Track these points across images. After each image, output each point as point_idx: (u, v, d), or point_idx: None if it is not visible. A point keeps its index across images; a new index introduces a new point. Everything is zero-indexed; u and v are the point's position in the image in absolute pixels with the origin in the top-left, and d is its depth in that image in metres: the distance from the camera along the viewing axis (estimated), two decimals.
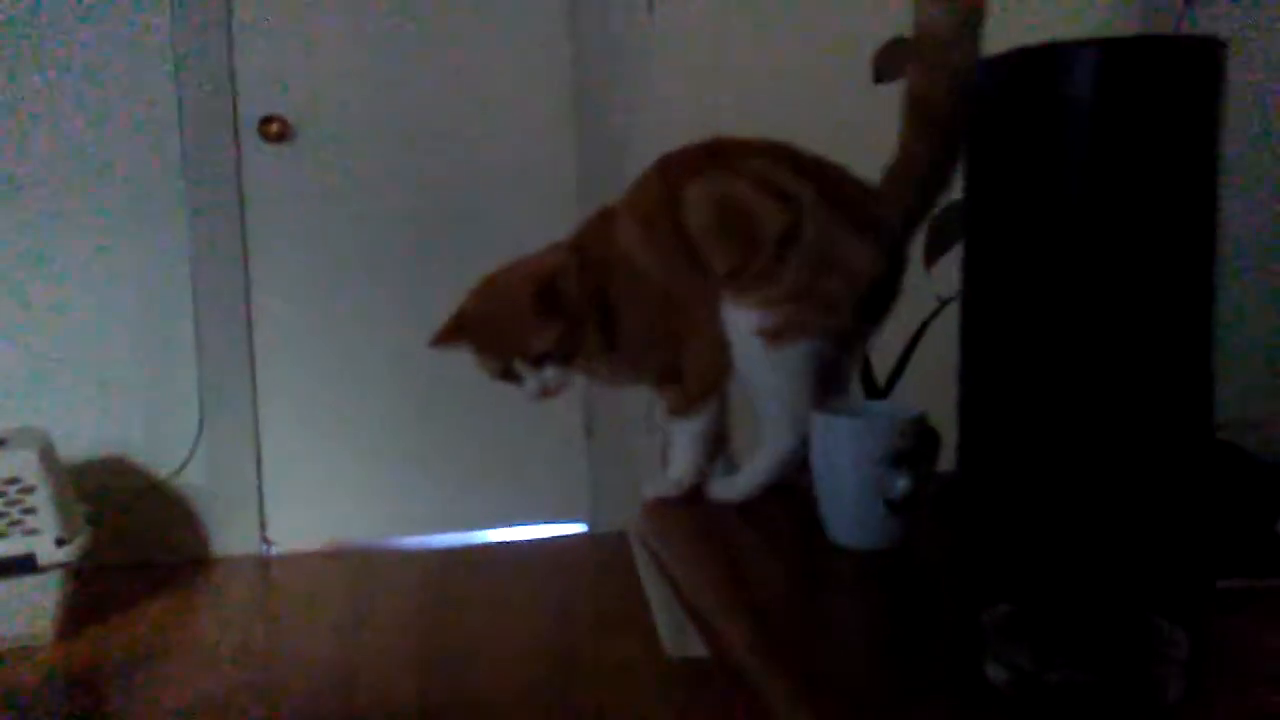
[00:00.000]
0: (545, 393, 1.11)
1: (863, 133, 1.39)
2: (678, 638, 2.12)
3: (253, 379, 2.82)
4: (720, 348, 1.10)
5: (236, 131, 2.74)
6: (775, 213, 1.03)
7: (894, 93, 1.05)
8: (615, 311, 1.10)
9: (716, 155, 1.09)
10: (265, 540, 2.87)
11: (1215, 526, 0.88)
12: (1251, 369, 2.14)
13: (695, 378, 1.11)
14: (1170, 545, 0.82)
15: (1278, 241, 2.18)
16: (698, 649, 2.06)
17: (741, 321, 1.06)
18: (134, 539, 2.76)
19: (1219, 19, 2.28)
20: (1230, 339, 0.88)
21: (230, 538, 2.83)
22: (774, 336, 1.04)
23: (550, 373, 1.09)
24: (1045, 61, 0.82)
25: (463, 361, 1.16)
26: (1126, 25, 2.73)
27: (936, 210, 1.08)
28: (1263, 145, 2.18)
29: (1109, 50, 0.80)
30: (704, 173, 1.07)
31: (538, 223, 2.15)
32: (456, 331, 1.13)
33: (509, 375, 1.11)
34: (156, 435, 2.79)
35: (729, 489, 1.11)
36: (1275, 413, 2.14)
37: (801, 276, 1.03)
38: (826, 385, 1.07)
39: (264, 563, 2.81)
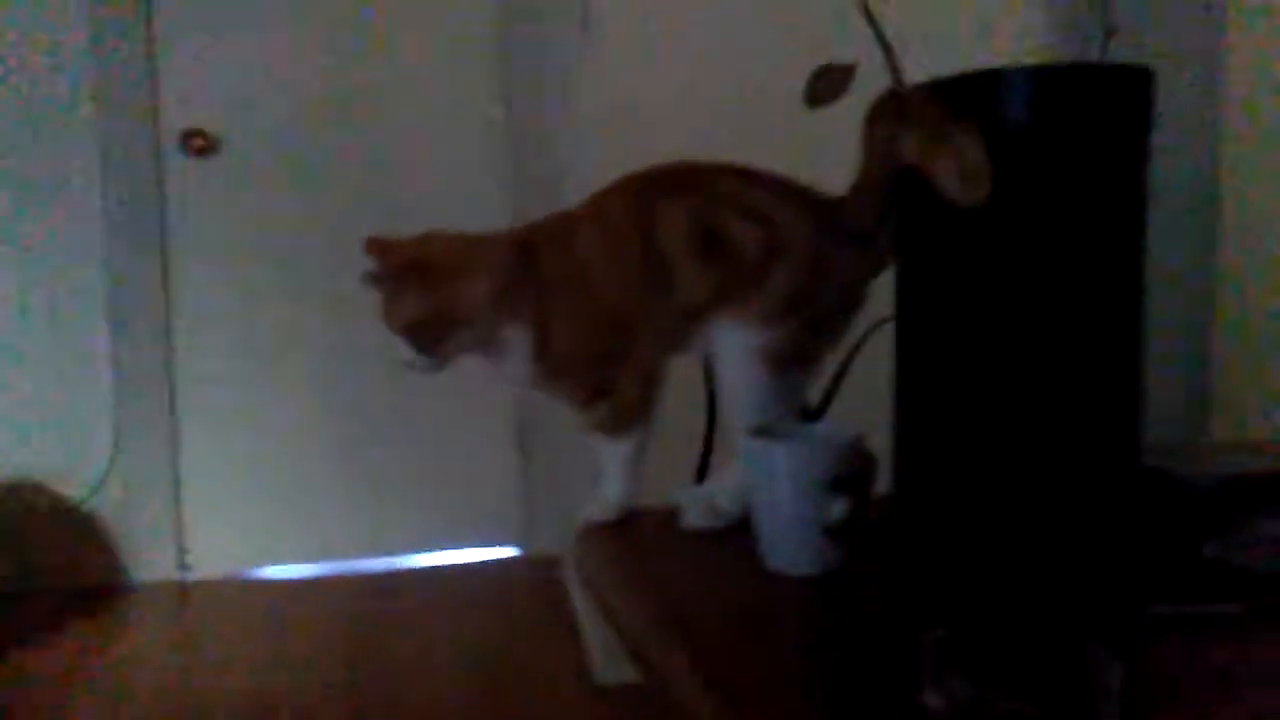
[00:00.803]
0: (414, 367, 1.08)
1: (797, 155, 1.39)
2: (609, 663, 2.10)
3: (171, 399, 2.75)
4: (657, 371, 1.09)
5: (158, 145, 2.68)
6: (753, 232, 1.03)
7: (825, 116, 1.05)
8: (552, 321, 1.08)
9: (686, 177, 1.08)
10: (184, 566, 2.79)
11: (1145, 551, 0.88)
12: (1174, 393, 2.20)
13: (630, 400, 1.10)
14: (1101, 571, 0.83)
15: (1200, 264, 2.24)
16: (628, 675, 2.04)
17: (738, 341, 1.04)
18: (46, 565, 2.66)
19: (1137, 50, 2.35)
20: (1155, 361, 0.89)
21: (147, 563, 2.75)
22: (774, 360, 1.03)
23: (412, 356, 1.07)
24: (981, 86, 0.82)
25: (389, 380, 1.13)
26: (1050, 57, 2.79)
27: None
28: (1182, 170, 2.24)
29: (1044, 76, 0.81)
30: (676, 194, 1.05)
31: None
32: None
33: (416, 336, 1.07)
34: (70, 457, 2.70)
35: (713, 517, 1.09)
36: (1197, 437, 2.20)
37: (795, 285, 1.02)
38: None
39: (182, 589, 2.73)
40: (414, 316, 1.06)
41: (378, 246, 1.09)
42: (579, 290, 1.07)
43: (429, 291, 1.05)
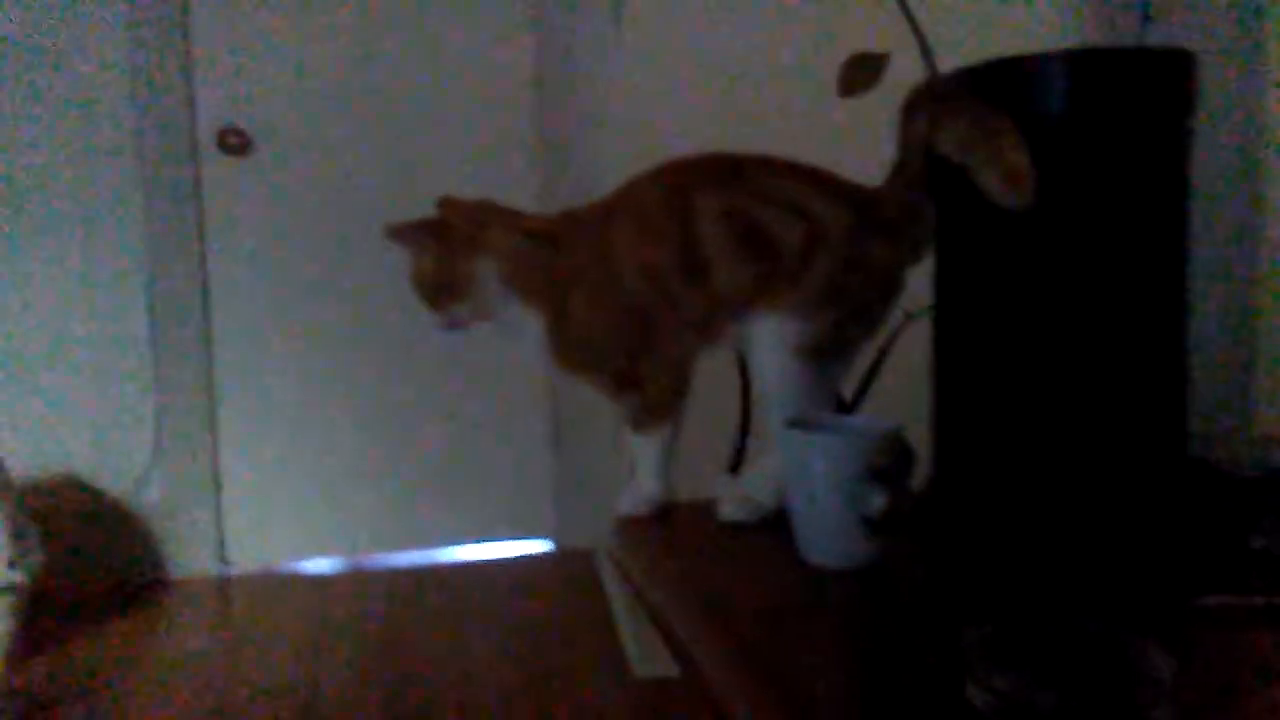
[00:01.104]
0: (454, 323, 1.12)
1: (831, 146, 1.38)
2: (646, 657, 2.10)
3: (211, 396, 2.77)
4: (687, 364, 1.09)
5: (195, 144, 2.70)
6: (792, 224, 1.02)
7: (861, 106, 1.05)
8: (570, 310, 1.08)
9: (724, 168, 1.07)
10: (224, 560, 2.82)
11: (1190, 543, 0.87)
12: (1218, 382, 2.16)
13: (658, 393, 1.10)
14: (1147, 563, 0.82)
15: (1243, 255, 2.21)
16: (666, 668, 2.05)
17: (777, 333, 1.04)
18: (88, 561, 2.70)
19: (1174, 37, 2.31)
20: (1198, 352, 0.87)
21: (188, 559, 2.78)
22: (812, 352, 1.03)
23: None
24: (1017, 74, 0.81)
25: (425, 376, 1.14)
26: (1087, 41, 2.76)
27: None
28: (1225, 157, 2.20)
29: (1080, 61, 0.80)
30: (714, 185, 1.05)
31: None
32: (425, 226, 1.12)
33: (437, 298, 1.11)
34: (111, 454, 2.73)
35: (750, 510, 1.09)
36: (1242, 426, 2.16)
37: (833, 276, 1.02)
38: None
39: (223, 584, 2.76)
40: (422, 277, 1.10)
41: (443, 202, 1.15)
42: (604, 280, 1.07)
43: (440, 256, 1.09)
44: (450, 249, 1.09)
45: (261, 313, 2.79)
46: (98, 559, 2.71)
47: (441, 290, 1.10)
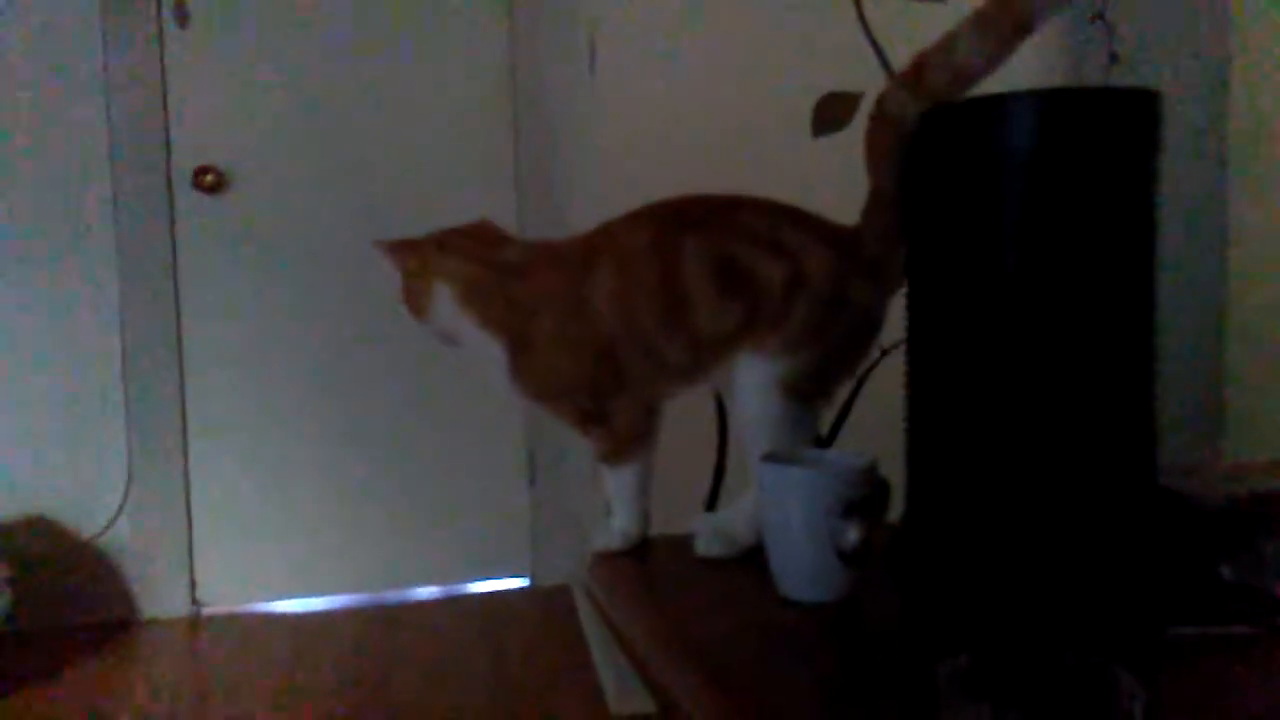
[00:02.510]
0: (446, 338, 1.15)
1: (805, 185, 1.40)
2: (623, 694, 2.08)
3: (184, 435, 2.75)
4: (656, 403, 1.11)
5: (170, 182, 2.70)
6: (773, 264, 1.03)
7: (833, 145, 1.06)
8: (532, 342, 1.09)
9: (707, 210, 1.08)
10: (195, 601, 2.78)
11: (1162, 574, 0.88)
12: (1188, 414, 2.19)
13: (624, 429, 1.10)
14: (1119, 594, 0.82)
15: (1211, 288, 2.24)
16: (643, 705, 2.03)
17: (760, 373, 1.05)
18: (58, 601, 2.66)
19: (1140, 79, 2.35)
20: (1168, 384, 0.89)
21: (159, 599, 2.75)
22: (794, 391, 1.04)
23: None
24: (987, 111, 0.83)
25: (400, 413, 1.14)
26: (1056, 81, 2.81)
27: None
28: (1191, 193, 2.24)
29: (1050, 100, 0.81)
30: (699, 228, 1.06)
31: None
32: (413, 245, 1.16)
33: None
34: (82, 494, 2.70)
35: (726, 545, 1.09)
36: (1211, 458, 2.19)
37: (815, 316, 1.03)
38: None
39: (194, 624, 2.73)
40: (400, 292, 1.16)
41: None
42: (575, 318, 1.08)
43: (408, 274, 1.15)
44: (415, 269, 1.14)
45: (234, 352, 2.77)
46: (68, 600, 2.67)
47: (413, 306, 1.15)
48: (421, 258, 1.13)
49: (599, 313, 1.06)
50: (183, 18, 2.69)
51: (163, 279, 2.70)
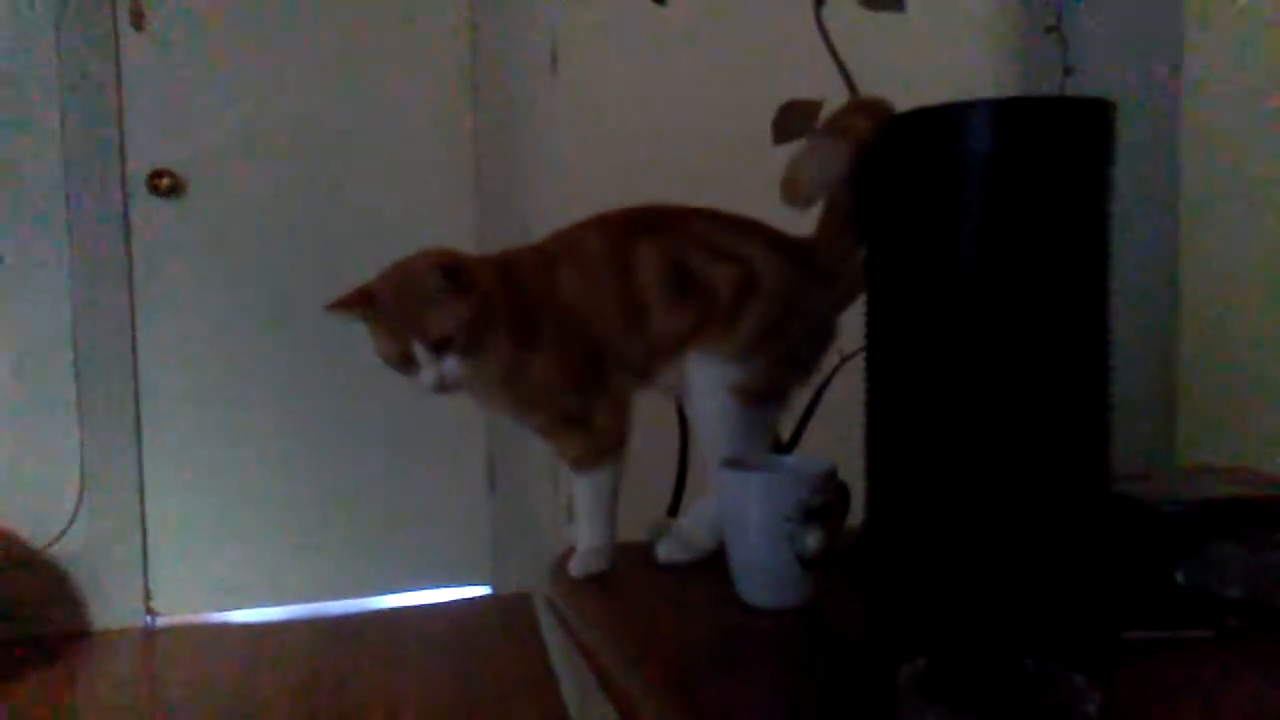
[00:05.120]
0: (442, 387, 1.06)
1: (765, 192, 1.40)
2: (584, 701, 2.07)
3: (138, 442, 2.71)
4: (627, 406, 1.11)
5: (125, 185, 2.66)
6: (725, 271, 1.04)
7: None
8: (535, 346, 1.08)
9: (661, 218, 1.09)
10: (150, 611, 2.74)
11: (1117, 578, 0.89)
12: (1141, 420, 2.22)
13: (605, 430, 1.10)
14: (1075, 598, 0.83)
15: (1164, 295, 2.27)
16: (605, 714, 2.02)
17: (712, 376, 1.05)
18: (9, 611, 2.60)
19: (1094, 90, 2.39)
20: (1121, 390, 0.90)
21: (112, 610, 2.70)
22: (746, 395, 1.04)
23: (449, 364, 1.05)
24: (945, 120, 0.83)
25: (356, 422, 1.13)
26: (1009, 93, 2.84)
27: None
28: (1144, 201, 2.27)
29: (1005, 109, 0.82)
30: (652, 234, 1.07)
31: None
32: (359, 299, 1.07)
33: (406, 361, 1.06)
34: (34, 502, 2.65)
35: (687, 550, 1.09)
36: (1164, 464, 2.22)
37: (767, 321, 1.03)
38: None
39: (148, 635, 2.68)
40: (379, 354, 1.09)
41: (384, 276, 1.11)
42: (548, 322, 1.08)
43: (382, 334, 1.07)
44: (388, 327, 1.06)
45: (190, 358, 2.74)
46: (19, 609, 2.62)
47: (399, 365, 1.07)
48: (393, 316, 1.06)
49: (571, 312, 1.07)
50: (138, 20, 2.66)
51: (117, 283, 2.66)
